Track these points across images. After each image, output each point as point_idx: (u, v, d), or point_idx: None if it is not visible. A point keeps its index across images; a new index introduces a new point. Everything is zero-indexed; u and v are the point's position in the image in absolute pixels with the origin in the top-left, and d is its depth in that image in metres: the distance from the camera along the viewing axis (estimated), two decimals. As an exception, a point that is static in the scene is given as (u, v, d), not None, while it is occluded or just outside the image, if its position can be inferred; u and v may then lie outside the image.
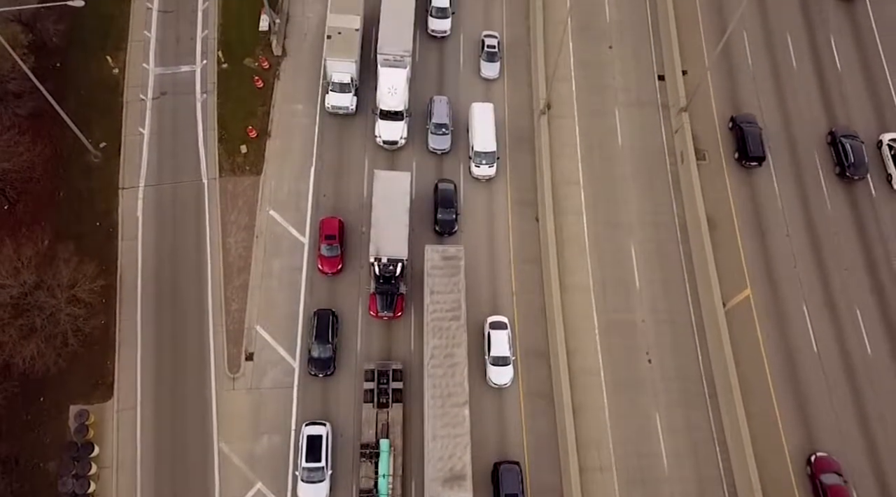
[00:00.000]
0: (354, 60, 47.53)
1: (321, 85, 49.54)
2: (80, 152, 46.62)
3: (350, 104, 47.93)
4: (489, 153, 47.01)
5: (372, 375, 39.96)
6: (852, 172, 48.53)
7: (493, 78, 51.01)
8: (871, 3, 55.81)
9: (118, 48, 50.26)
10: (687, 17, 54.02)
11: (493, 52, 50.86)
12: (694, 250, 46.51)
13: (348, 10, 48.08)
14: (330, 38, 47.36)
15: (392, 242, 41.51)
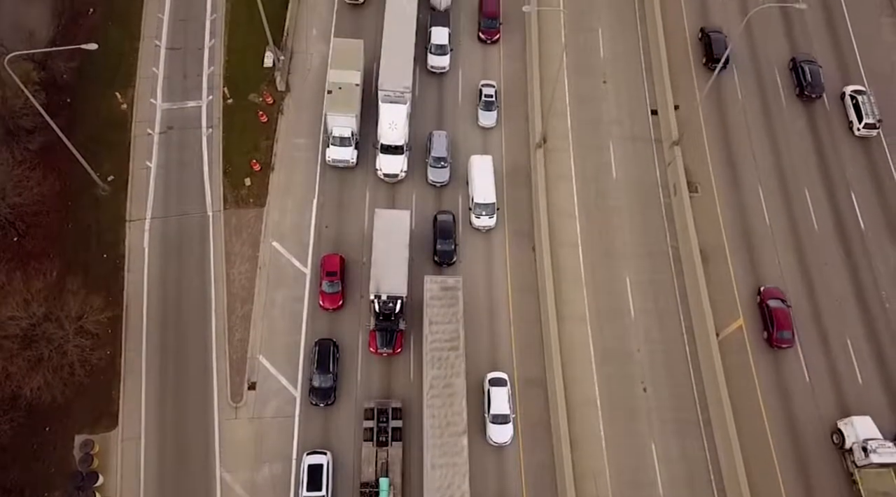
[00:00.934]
0: (355, 115, 48.35)
1: (321, 138, 50.25)
2: (88, 185, 47.88)
3: (351, 158, 48.71)
4: (489, 205, 47.63)
5: (372, 414, 40.37)
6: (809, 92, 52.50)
7: (491, 127, 51.98)
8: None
9: (127, 84, 51.82)
10: (678, 53, 55.72)
11: (491, 101, 51.82)
12: (687, 281, 47.53)
13: (348, 66, 49.07)
14: (331, 92, 48.23)
15: (392, 280, 42.30)
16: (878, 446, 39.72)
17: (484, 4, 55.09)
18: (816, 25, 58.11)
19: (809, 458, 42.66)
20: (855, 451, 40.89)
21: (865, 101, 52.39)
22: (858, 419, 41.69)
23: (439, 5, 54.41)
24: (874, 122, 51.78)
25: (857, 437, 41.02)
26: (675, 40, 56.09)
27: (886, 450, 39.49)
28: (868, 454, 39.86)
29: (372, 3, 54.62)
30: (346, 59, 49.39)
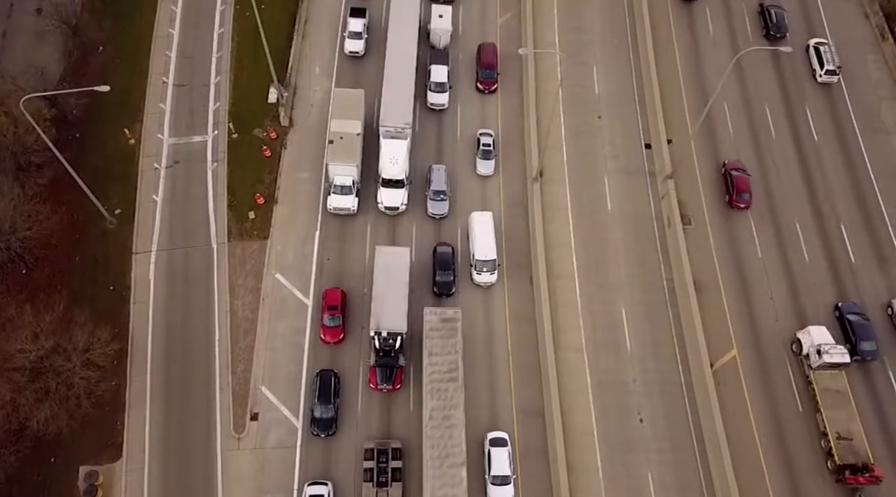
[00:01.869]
0: (356, 164, 49.25)
1: (324, 171, 51.05)
2: (96, 218, 49.00)
3: (352, 206, 49.30)
4: (490, 261, 47.79)
5: (372, 454, 40.80)
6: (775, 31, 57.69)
7: (489, 175, 52.71)
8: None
9: (135, 120, 53.24)
10: (671, 88, 57.38)
11: (489, 150, 52.65)
12: (682, 312, 48.52)
13: (350, 116, 49.95)
14: (332, 142, 49.22)
15: (392, 317, 43.12)
16: (829, 348, 44.50)
17: (482, 55, 56.23)
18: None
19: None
20: (811, 356, 45.32)
21: (827, 50, 57.76)
22: (814, 328, 46.11)
23: (438, 44, 56.17)
24: (834, 69, 56.95)
25: (812, 342, 45.35)
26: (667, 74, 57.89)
27: (836, 351, 44.37)
28: (821, 355, 44.43)
29: (372, 54, 56.07)
30: (347, 109, 50.39)
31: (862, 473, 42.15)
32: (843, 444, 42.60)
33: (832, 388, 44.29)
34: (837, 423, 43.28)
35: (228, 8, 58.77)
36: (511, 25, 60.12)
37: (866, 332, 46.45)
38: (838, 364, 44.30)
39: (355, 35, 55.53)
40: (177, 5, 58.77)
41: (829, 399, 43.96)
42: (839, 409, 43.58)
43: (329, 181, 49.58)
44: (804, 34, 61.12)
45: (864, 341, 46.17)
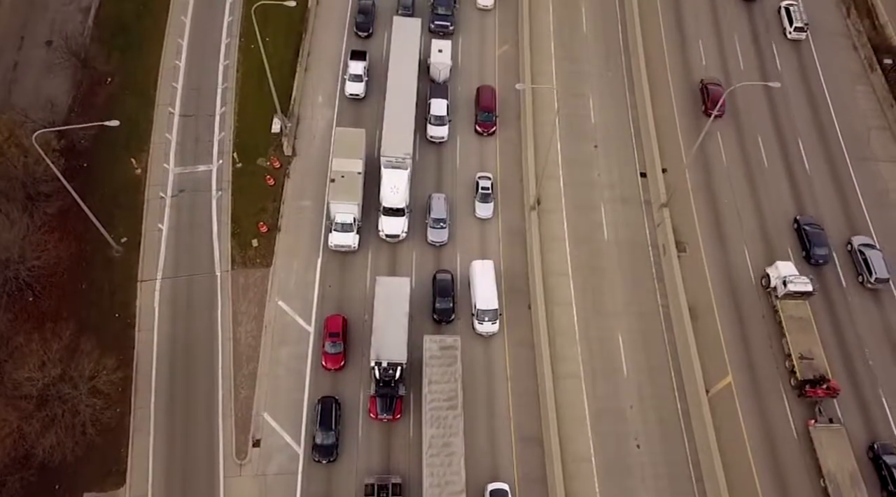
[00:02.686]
0: (357, 203, 49.81)
1: (326, 200, 51.73)
2: (102, 247, 50.01)
3: (353, 243, 49.89)
4: (491, 310, 47.75)
5: (372, 489, 41.15)
6: None
7: (488, 218, 52.98)
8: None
9: (141, 149, 54.48)
10: (665, 118, 58.72)
11: (488, 193, 53.11)
12: (678, 339, 49.29)
13: (351, 155, 50.81)
14: (333, 181, 50.01)
15: (392, 347, 43.78)
16: (794, 278, 48.67)
17: (480, 98, 56.99)
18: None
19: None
20: (777, 287, 49.50)
21: (796, 9, 63.42)
22: (782, 263, 50.32)
23: (438, 77, 57.59)
24: (802, 26, 62.23)
25: (779, 275, 49.45)
26: (662, 101, 59.35)
27: (800, 280, 48.62)
28: (786, 285, 48.60)
29: (373, 96, 57.22)
30: (349, 148, 51.26)
31: (819, 386, 45.95)
32: (804, 362, 46.58)
33: (796, 316, 48.37)
34: (800, 346, 47.30)
35: (234, 41, 60.37)
36: (509, 56, 61.66)
37: (819, 240, 51.90)
38: (801, 292, 48.28)
39: (356, 78, 56.59)
40: (183, 38, 60.37)
41: (793, 325, 47.99)
42: (802, 333, 47.67)
43: (330, 219, 50.35)
44: (795, 63, 62.76)
45: (818, 247, 51.53)
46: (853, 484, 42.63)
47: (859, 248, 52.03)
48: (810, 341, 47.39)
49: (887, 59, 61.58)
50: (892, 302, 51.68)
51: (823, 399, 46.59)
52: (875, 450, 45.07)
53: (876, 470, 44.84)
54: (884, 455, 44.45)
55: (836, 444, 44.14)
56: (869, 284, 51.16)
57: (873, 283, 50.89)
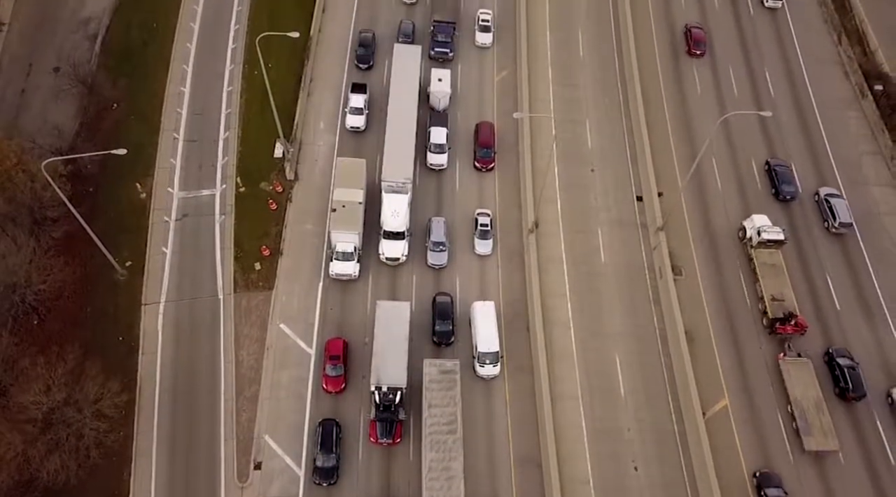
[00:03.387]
0: (358, 232, 50.53)
1: (328, 226, 52.58)
2: (107, 270, 50.74)
3: (353, 272, 50.45)
4: (492, 353, 47.59)
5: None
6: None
7: (487, 254, 53.26)
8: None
9: (146, 174, 55.41)
10: (661, 143, 59.80)
11: (487, 230, 53.40)
12: (674, 361, 49.91)
13: (352, 185, 51.66)
14: (335, 210, 50.86)
15: (392, 371, 44.34)
16: (767, 228, 52.85)
17: (479, 134, 57.55)
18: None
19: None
20: (752, 237, 53.33)
21: None
22: (757, 216, 54.34)
23: (438, 106, 58.71)
24: None
25: (754, 226, 53.41)
26: (657, 129, 60.45)
27: (773, 230, 52.86)
28: (760, 234, 52.65)
29: (373, 128, 58.15)
30: (350, 178, 52.13)
31: (788, 322, 49.76)
32: (775, 303, 50.69)
33: (769, 263, 52.68)
34: (771, 289, 51.43)
35: (237, 67, 61.62)
36: (507, 81, 62.91)
37: (787, 177, 56.98)
38: (774, 241, 52.63)
39: (356, 111, 57.41)
40: (188, 65, 61.65)
41: (766, 271, 52.21)
42: (774, 278, 51.86)
43: (331, 247, 51.06)
44: (787, 91, 64.04)
45: (785, 184, 56.64)
46: (817, 409, 46.80)
47: (825, 197, 56.35)
48: (781, 285, 51.50)
49: (878, 85, 62.76)
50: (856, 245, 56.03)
51: (792, 336, 50.35)
52: (830, 354, 49.96)
53: (830, 371, 49.60)
54: (837, 358, 49.41)
55: (802, 376, 48.24)
56: (833, 229, 55.16)
57: (837, 228, 54.86)
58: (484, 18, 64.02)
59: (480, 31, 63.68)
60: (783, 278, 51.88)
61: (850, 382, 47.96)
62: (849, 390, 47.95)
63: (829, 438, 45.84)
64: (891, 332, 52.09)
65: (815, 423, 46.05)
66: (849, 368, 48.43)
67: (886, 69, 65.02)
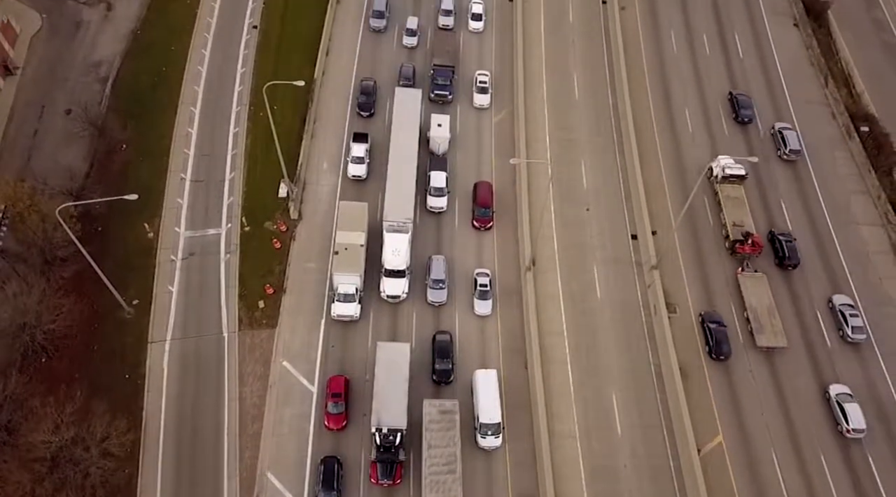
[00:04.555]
0: (359, 274, 51.67)
1: (330, 263, 54.00)
2: (114, 309, 51.95)
3: (355, 313, 51.52)
4: (494, 424, 46.93)
5: None
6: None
7: (486, 315, 53.29)
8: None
9: (154, 214, 56.91)
10: (654, 183, 61.49)
11: (486, 290, 53.58)
12: (669, 398, 50.84)
13: (354, 227, 53.09)
14: (337, 253, 52.07)
15: (392, 413, 45.09)
16: (730, 165, 59.73)
17: (478, 194, 58.28)
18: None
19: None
20: (718, 175, 60.13)
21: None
22: (723, 157, 60.85)
23: (438, 150, 60.52)
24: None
25: (720, 165, 60.16)
26: (651, 165, 62.33)
27: (735, 166, 59.45)
28: (724, 170, 59.54)
29: (374, 176, 59.86)
30: (352, 221, 53.55)
31: (746, 242, 56.18)
32: (736, 228, 57.30)
33: (732, 196, 59.39)
34: (733, 217, 58.00)
35: (243, 109, 63.65)
36: (505, 123, 64.85)
37: (746, 103, 65.60)
38: (736, 175, 59.65)
39: (358, 160, 58.78)
40: (196, 106, 63.67)
41: (730, 203, 58.88)
42: (735, 208, 58.59)
43: (333, 289, 52.32)
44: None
45: (744, 109, 65.26)
46: (769, 314, 53.44)
47: (779, 129, 64.28)
48: (742, 213, 58.32)
49: (864, 126, 64.73)
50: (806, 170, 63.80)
51: (750, 256, 56.74)
52: (773, 234, 58.29)
53: (771, 244, 58.06)
54: (779, 235, 57.80)
55: (757, 287, 54.96)
56: (784, 156, 63.08)
57: (787, 155, 62.92)
58: (482, 80, 65.01)
59: (478, 93, 64.55)
60: (744, 208, 58.66)
61: (787, 253, 56.79)
62: (785, 259, 56.74)
63: (778, 337, 52.43)
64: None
65: (767, 325, 52.61)
66: (786, 241, 57.28)
67: (873, 111, 67.10)
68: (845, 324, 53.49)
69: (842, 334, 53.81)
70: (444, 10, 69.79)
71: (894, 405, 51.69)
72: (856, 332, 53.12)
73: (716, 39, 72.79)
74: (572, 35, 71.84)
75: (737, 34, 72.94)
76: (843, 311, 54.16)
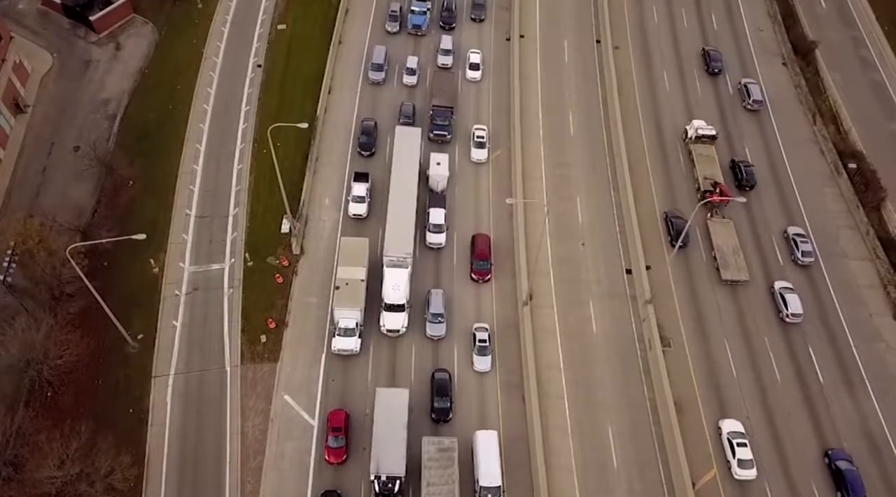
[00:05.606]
0: (360, 309, 52.63)
1: (331, 297, 54.96)
2: (119, 343, 52.93)
3: (355, 347, 52.35)
4: (495, 488, 46.16)
5: None
6: None
7: (486, 371, 53.20)
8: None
9: (159, 249, 58.17)
10: (647, 219, 62.92)
11: (485, 345, 53.53)
12: (664, 432, 51.60)
13: (355, 263, 54.24)
14: (338, 288, 53.03)
15: (391, 459, 45.44)
16: (703, 126, 67.18)
17: (476, 247, 58.69)
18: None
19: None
20: (692, 136, 67.41)
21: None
22: (697, 121, 67.86)
23: (437, 188, 62.09)
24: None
25: (693, 127, 67.42)
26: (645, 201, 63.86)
27: (707, 128, 67.16)
28: (697, 131, 66.90)
29: (375, 212, 60.95)
30: (353, 257, 54.76)
31: (714, 191, 62.22)
32: (706, 180, 63.82)
33: (704, 154, 65.98)
34: (704, 172, 64.58)
35: (247, 146, 65.34)
36: (502, 160, 66.49)
37: (716, 56, 75.02)
38: (707, 135, 66.97)
39: (359, 199, 60.16)
40: (201, 144, 65.39)
41: (702, 160, 65.41)
42: (707, 164, 65.18)
43: (334, 323, 53.41)
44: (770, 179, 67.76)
45: (714, 62, 74.67)
46: (734, 253, 59.86)
47: (745, 83, 72.76)
48: (713, 169, 64.88)
49: (852, 163, 66.44)
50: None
51: (720, 205, 62.60)
52: (734, 161, 66.82)
53: (733, 172, 66.42)
54: (739, 162, 66.45)
55: (724, 230, 61.50)
56: (748, 106, 71.40)
57: (751, 104, 71.12)
58: (479, 135, 65.64)
59: (475, 148, 65.22)
60: (714, 165, 65.26)
61: (745, 176, 65.26)
62: (743, 180, 65.21)
63: (741, 272, 58.97)
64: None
65: (732, 262, 59.18)
66: (745, 166, 65.93)
67: (860, 147, 68.88)
68: (796, 249, 61.03)
69: (793, 258, 61.42)
70: (444, 49, 72.02)
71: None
72: (805, 255, 60.95)
73: (706, 79, 74.86)
74: (567, 74, 74.01)
75: (728, 74, 75.08)
76: (795, 239, 61.55)
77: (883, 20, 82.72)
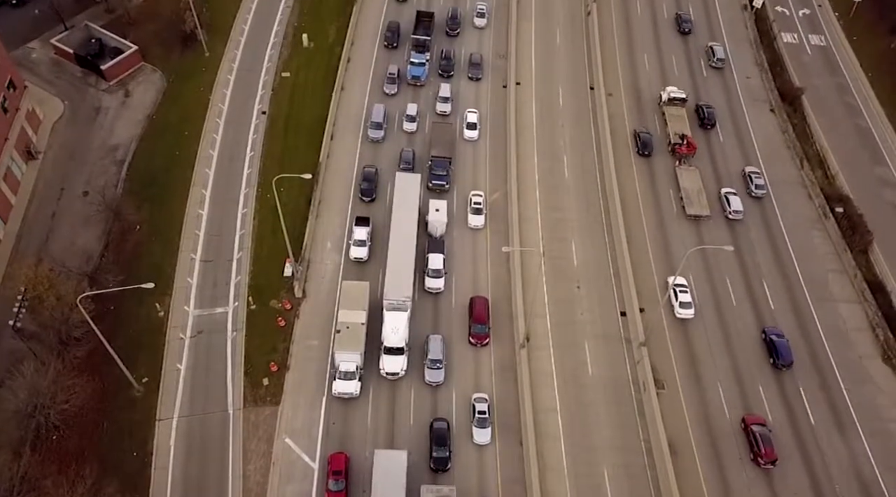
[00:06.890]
0: (360, 352, 53.55)
1: (333, 337, 56.15)
2: (124, 386, 53.99)
3: (355, 390, 53.20)
4: None
5: None
6: None
7: (486, 444, 52.50)
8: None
9: (164, 293, 59.50)
10: (641, 261, 64.59)
11: (485, 417, 52.81)
12: (659, 474, 52.39)
13: (356, 306, 55.37)
14: (339, 332, 54.00)
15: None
16: (675, 91, 77.68)
17: (474, 310, 58.71)
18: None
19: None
20: (666, 99, 77.49)
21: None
22: (670, 87, 78.46)
23: (435, 233, 63.83)
24: None
25: (667, 91, 77.72)
26: (638, 247, 65.59)
27: (679, 92, 77.52)
28: (670, 95, 77.19)
29: (376, 256, 62.60)
30: (354, 301, 55.97)
31: (681, 144, 72.38)
32: (676, 135, 73.19)
33: (675, 115, 75.72)
34: (675, 129, 74.08)
35: (252, 190, 67.25)
36: (500, 203, 68.35)
37: (687, 21, 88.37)
38: (678, 98, 77.30)
39: (360, 243, 61.77)
40: (206, 188, 67.28)
41: (673, 120, 75.09)
42: (678, 123, 74.91)
43: (335, 367, 54.51)
44: (756, 209, 69.69)
45: (685, 22, 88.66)
46: (698, 194, 68.74)
47: (710, 46, 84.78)
48: (683, 126, 74.43)
49: (839, 207, 68.35)
50: (731, 75, 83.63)
51: (687, 155, 72.47)
52: (698, 107, 77.69)
53: (698, 117, 77.02)
54: (705, 108, 77.51)
55: (690, 176, 70.43)
56: (713, 64, 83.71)
57: (715, 63, 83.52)
58: (476, 201, 66.05)
59: (473, 214, 65.42)
60: (684, 123, 74.75)
61: (707, 117, 76.32)
62: (705, 120, 76.27)
63: (703, 209, 67.78)
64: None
65: (696, 201, 68.08)
66: (706, 109, 76.90)
67: (847, 192, 70.90)
68: (750, 183, 70.47)
69: (748, 191, 70.63)
70: (442, 97, 74.53)
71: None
72: (758, 188, 70.30)
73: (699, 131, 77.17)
74: (562, 120, 76.48)
75: (718, 124, 77.34)
76: (750, 175, 71.02)
77: (867, 67, 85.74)
